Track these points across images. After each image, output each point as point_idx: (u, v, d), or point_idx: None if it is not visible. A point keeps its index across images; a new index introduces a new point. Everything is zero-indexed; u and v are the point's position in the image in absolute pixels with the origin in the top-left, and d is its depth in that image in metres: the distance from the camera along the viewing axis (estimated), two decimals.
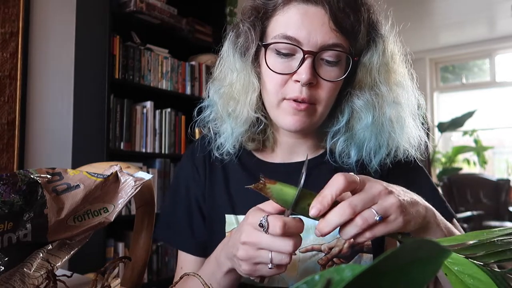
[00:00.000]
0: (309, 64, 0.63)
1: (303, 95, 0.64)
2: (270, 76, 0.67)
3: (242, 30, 0.71)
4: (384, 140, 0.69)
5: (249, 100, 0.70)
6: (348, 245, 0.68)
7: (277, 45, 0.65)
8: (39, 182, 0.60)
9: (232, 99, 0.72)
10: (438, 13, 4.15)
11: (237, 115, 0.71)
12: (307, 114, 0.66)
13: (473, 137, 4.80)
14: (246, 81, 0.70)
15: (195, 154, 0.80)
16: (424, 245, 0.18)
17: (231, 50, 0.72)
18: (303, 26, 0.63)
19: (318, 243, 0.69)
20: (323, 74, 0.65)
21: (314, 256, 0.69)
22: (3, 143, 1.83)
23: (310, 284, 0.19)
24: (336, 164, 0.73)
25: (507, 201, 4.10)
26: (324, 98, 0.66)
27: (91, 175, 0.65)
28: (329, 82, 0.65)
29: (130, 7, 2.00)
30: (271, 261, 0.50)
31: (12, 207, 0.55)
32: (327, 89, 0.66)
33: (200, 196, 0.79)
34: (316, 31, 0.63)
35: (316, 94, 0.66)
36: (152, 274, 2.13)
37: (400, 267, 0.18)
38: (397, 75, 0.71)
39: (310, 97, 0.65)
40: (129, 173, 0.69)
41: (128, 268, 0.88)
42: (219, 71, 0.75)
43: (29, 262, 0.57)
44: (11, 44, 1.87)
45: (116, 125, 2.00)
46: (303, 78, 0.63)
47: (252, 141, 0.74)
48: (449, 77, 5.47)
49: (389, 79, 0.70)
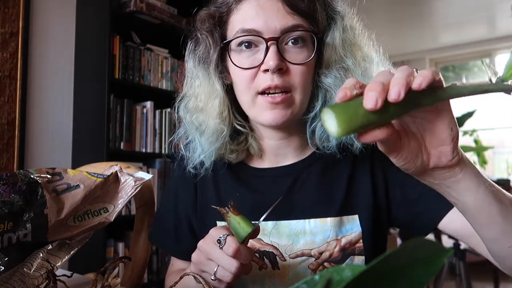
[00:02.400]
0: (274, 50, 0.62)
1: (275, 82, 0.62)
2: (238, 74, 0.66)
3: (201, 38, 0.70)
4: None
5: (211, 106, 0.69)
6: (338, 249, 0.68)
7: (238, 40, 0.65)
8: (39, 182, 0.60)
9: (198, 111, 0.71)
10: (438, 13, 4.15)
11: (205, 127, 0.70)
12: (285, 106, 0.64)
13: (473, 137, 4.80)
14: (209, 88, 0.69)
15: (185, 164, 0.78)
16: (424, 245, 0.18)
17: (191, 60, 0.72)
18: (259, 16, 0.63)
19: (308, 248, 0.68)
20: (290, 58, 0.64)
21: (305, 261, 0.68)
22: (3, 143, 1.83)
23: (310, 284, 0.19)
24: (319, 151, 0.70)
25: None
26: (299, 83, 0.64)
27: (91, 175, 0.65)
28: (299, 65, 0.64)
29: (130, 7, 2.00)
30: (214, 273, 0.54)
31: (12, 207, 0.55)
32: (299, 72, 0.64)
33: (189, 205, 0.79)
34: (272, 18, 0.62)
35: (289, 80, 0.64)
36: (152, 274, 2.13)
37: (400, 267, 0.18)
38: (362, 49, 0.69)
39: (284, 83, 0.63)
40: (129, 173, 0.69)
41: (128, 268, 0.88)
42: (186, 88, 0.75)
43: (29, 262, 0.57)
44: (11, 44, 1.87)
45: (116, 125, 2.00)
46: (271, 64, 0.61)
47: (232, 152, 0.73)
48: (449, 77, 5.47)
49: (355, 53, 0.68)
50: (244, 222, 0.54)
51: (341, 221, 0.68)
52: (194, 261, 0.57)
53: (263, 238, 0.70)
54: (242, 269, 0.53)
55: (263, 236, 0.70)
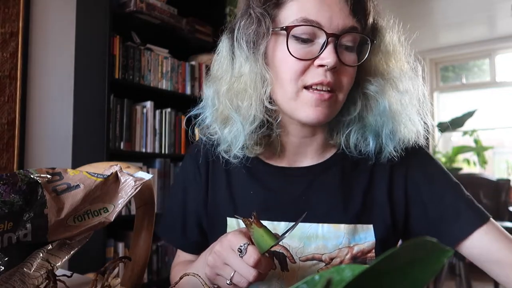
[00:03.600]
0: (332, 48, 0.61)
1: (328, 79, 0.61)
2: (289, 64, 0.63)
3: (254, 17, 0.65)
4: (398, 126, 0.67)
5: (262, 93, 0.64)
6: (350, 257, 0.67)
7: (296, 29, 0.61)
8: (39, 182, 0.60)
9: (239, 94, 0.66)
10: (438, 13, 4.15)
11: (246, 112, 0.65)
12: (329, 105, 0.63)
13: (473, 137, 4.80)
14: (257, 73, 0.64)
15: (198, 156, 0.77)
16: (424, 245, 0.18)
17: (240, 40, 0.66)
18: (323, 9, 0.61)
19: (319, 252, 0.67)
20: (344, 59, 0.63)
21: (314, 266, 0.67)
22: (3, 143, 1.83)
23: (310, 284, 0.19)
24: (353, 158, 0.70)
25: (507, 201, 4.10)
26: (345, 85, 0.64)
27: (91, 175, 0.65)
28: (350, 67, 0.63)
29: (130, 7, 2.00)
30: (231, 278, 0.54)
31: (12, 207, 0.55)
32: (348, 75, 0.64)
33: (199, 199, 0.77)
34: (336, 15, 0.61)
35: (338, 80, 0.63)
36: (152, 274, 2.13)
37: (400, 267, 0.18)
38: (404, 63, 0.70)
39: (335, 82, 0.62)
40: (129, 173, 0.69)
41: (128, 268, 0.88)
42: (218, 68, 0.70)
43: (29, 262, 0.57)
44: (11, 44, 1.87)
45: (116, 125, 2.00)
46: (329, 62, 0.60)
47: (258, 145, 0.69)
48: (449, 77, 5.47)
49: (399, 66, 0.69)
50: (268, 235, 0.54)
51: (355, 229, 0.68)
52: (210, 264, 0.57)
53: None
54: (259, 277, 0.53)
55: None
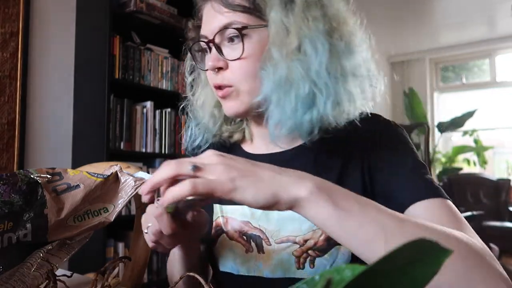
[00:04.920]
0: (213, 51, 0.67)
1: (215, 80, 0.68)
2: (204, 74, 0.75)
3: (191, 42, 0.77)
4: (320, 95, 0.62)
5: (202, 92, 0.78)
6: (324, 238, 0.67)
7: (194, 46, 0.73)
8: (39, 182, 0.60)
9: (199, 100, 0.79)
10: (438, 13, 4.15)
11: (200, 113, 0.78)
12: (232, 98, 0.68)
13: (473, 137, 4.80)
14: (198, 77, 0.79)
15: (188, 148, 0.84)
16: (424, 245, 0.18)
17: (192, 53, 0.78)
18: (205, 21, 0.69)
19: (294, 235, 0.68)
20: (227, 55, 0.67)
21: (289, 247, 0.68)
22: (3, 143, 1.83)
23: (310, 284, 0.19)
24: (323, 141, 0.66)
25: (507, 201, 4.10)
26: (237, 77, 0.66)
27: (91, 175, 0.65)
28: (233, 61, 0.66)
29: (130, 7, 2.00)
30: (148, 227, 0.55)
31: (12, 207, 0.55)
32: (235, 68, 0.66)
33: None
34: (210, 21, 0.67)
35: (227, 76, 0.67)
36: (152, 274, 2.13)
37: (400, 267, 0.18)
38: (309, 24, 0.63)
39: (223, 80, 0.67)
40: (129, 173, 0.69)
41: (128, 268, 0.88)
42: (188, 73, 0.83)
43: (29, 262, 0.57)
44: (11, 44, 1.87)
45: (116, 125, 2.00)
46: (209, 66, 0.67)
47: (227, 131, 0.79)
48: (449, 77, 5.47)
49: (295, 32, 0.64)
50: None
51: None
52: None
53: (252, 222, 0.71)
54: (160, 236, 0.54)
55: (252, 220, 0.71)
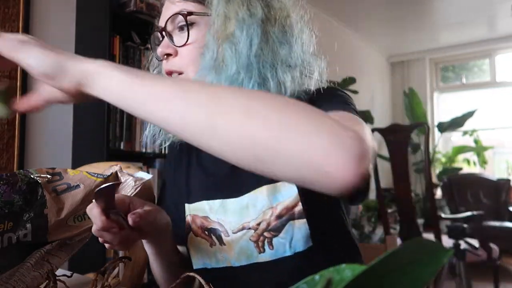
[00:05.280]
0: (164, 39, 0.70)
1: (166, 67, 0.70)
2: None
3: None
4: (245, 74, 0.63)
5: None
6: (275, 217, 0.67)
7: (152, 37, 0.78)
8: (39, 182, 0.60)
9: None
10: (438, 13, 4.15)
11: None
12: None
13: (473, 137, 4.80)
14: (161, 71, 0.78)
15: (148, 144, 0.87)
16: (424, 245, 0.18)
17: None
18: (162, 13, 0.73)
19: (247, 221, 0.68)
20: (177, 42, 0.69)
21: (245, 234, 0.68)
22: (3, 143, 1.83)
23: (310, 284, 0.19)
24: None
25: (507, 201, 4.10)
26: (185, 63, 0.68)
27: (91, 175, 0.65)
28: (181, 47, 0.69)
29: (130, 7, 2.00)
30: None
31: (12, 207, 0.55)
32: (183, 54, 0.69)
33: (169, 186, 0.84)
34: (166, 10, 0.71)
35: (176, 62, 0.69)
36: (152, 274, 2.13)
37: (400, 267, 0.18)
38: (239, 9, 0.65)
39: (172, 66, 0.69)
40: (129, 173, 0.69)
41: (128, 268, 0.88)
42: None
43: (29, 262, 0.57)
44: None
45: (116, 125, 2.00)
46: (158, 51, 0.70)
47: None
48: (449, 77, 5.47)
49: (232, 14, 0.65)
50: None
51: (276, 188, 0.67)
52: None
53: (210, 216, 0.72)
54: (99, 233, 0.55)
55: (210, 214, 0.72)
